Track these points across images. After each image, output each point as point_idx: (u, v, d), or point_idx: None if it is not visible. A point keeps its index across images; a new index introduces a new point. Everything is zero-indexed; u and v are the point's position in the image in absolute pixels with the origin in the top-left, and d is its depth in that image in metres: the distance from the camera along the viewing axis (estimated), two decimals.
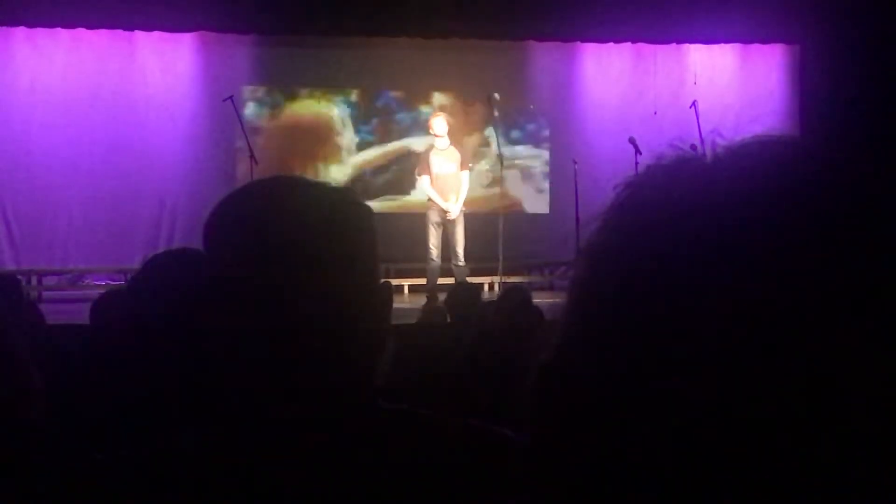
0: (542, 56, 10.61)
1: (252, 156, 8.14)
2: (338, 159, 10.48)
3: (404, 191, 10.24)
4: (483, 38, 10.05)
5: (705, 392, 0.47)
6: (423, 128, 9.54)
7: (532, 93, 10.67)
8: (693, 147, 0.55)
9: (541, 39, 10.41)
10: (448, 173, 8.51)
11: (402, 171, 10.20)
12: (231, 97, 8.40)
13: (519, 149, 10.69)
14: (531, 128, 10.76)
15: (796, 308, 0.46)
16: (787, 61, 11.01)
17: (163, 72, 9.99)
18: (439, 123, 8.62)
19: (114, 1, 9.34)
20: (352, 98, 10.44)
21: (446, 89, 10.49)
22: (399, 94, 10.47)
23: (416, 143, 10.04)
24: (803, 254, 0.47)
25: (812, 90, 10.60)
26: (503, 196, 9.14)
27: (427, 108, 10.27)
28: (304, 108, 10.45)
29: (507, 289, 5.59)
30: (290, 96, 10.40)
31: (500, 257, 8.54)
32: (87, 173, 9.69)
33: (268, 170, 8.13)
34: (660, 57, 10.77)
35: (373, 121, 10.51)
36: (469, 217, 8.81)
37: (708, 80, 10.66)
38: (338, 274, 1.01)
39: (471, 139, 10.38)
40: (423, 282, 8.64)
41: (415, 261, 8.69)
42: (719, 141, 0.53)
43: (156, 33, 9.82)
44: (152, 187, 9.80)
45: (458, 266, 8.51)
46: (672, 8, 9.99)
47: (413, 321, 5.91)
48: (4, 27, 9.59)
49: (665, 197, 0.52)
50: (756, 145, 0.53)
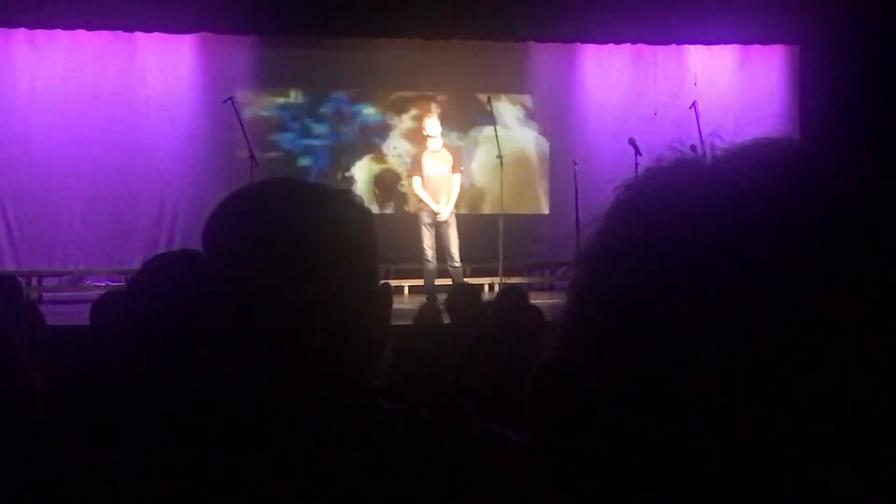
0: (543, 57, 10.61)
1: (252, 157, 8.14)
2: None
3: None
4: (483, 39, 10.05)
5: (706, 393, 0.47)
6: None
7: (532, 93, 10.68)
8: (692, 148, 0.55)
9: (541, 40, 10.41)
10: (439, 175, 8.47)
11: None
12: (231, 98, 8.40)
13: (519, 149, 10.68)
14: (531, 128, 10.76)
15: (797, 310, 0.46)
16: (787, 62, 11.01)
17: (163, 73, 9.98)
18: (432, 124, 8.58)
19: (114, 2, 9.34)
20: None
21: (447, 90, 10.48)
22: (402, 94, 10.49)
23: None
24: (804, 256, 0.47)
25: (812, 91, 10.60)
26: (503, 196, 9.14)
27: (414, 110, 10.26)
28: None
29: (504, 289, 5.58)
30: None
31: (500, 258, 8.55)
32: (88, 174, 9.68)
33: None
34: (660, 58, 10.77)
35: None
36: (468, 218, 8.81)
37: (708, 81, 10.66)
38: (338, 275, 1.01)
39: (469, 140, 10.38)
40: (422, 282, 8.65)
41: (414, 262, 8.70)
42: (719, 143, 0.53)
43: (156, 34, 9.80)
44: (152, 188, 9.79)
45: (453, 267, 8.50)
46: (672, 9, 9.99)
47: (411, 322, 5.90)
48: (4, 28, 9.58)
49: (665, 199, 0.52)
50: (756, 147, 0.53)
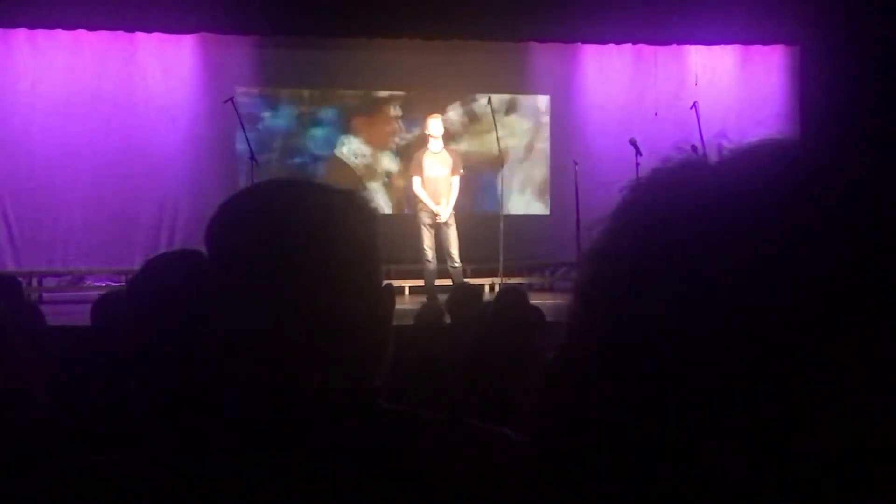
0: (543, 57, 10.61)
1: (252, 157, 8.14)
2: None
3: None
4: (484, 40, 10.05)
5: (710, 393, 0.47)
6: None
7: (533, 94, 10.68)
8: (693, 148, 0.55)
9: (542, 41, 10.41)
10: (439, 176, 8.48)
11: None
12: (232, 98, 8.40)
13: (520, 149, 10.68)
14: (532, 128, 10.76)
15: (804, 310, 0.46)
16: (788, 62, 11.01)
17: (163, 73, 9.98)
18: (436, 125, 8.58)
19: (114, 3, 9.34)
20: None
21: (447, 90, 10.48)
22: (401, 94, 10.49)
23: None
24: (810, 256, 0.47)
25: (812, 92, 10.60)
26: (502, 196, 9.14)
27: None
28: None
29: (503, 290, 5.58)
30: None
31: (501, 258, 8.54)
32: (88, 175, 9.69)
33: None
34: (660, 58, 10.76)
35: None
36: (469, 218, 8.80)
37: (709, 81, 10.67)
38: (340, 275, 1.01)
39: (469, 141, 10.38)
40: (422, 283, 8.64)
41: (415, 262, 8.69)
42: (725, 143, 0.53)
43: (156, 35, 9.81)
44: (153, 188, 9.80)
45: (453, 268, 8.50)
46: (673, 9, 9.99)
47: (412, 322, 5.90)
48: (5, 29, 9.59)
49: (671, 199, 0.52)
50: (761, 149, 0.53)
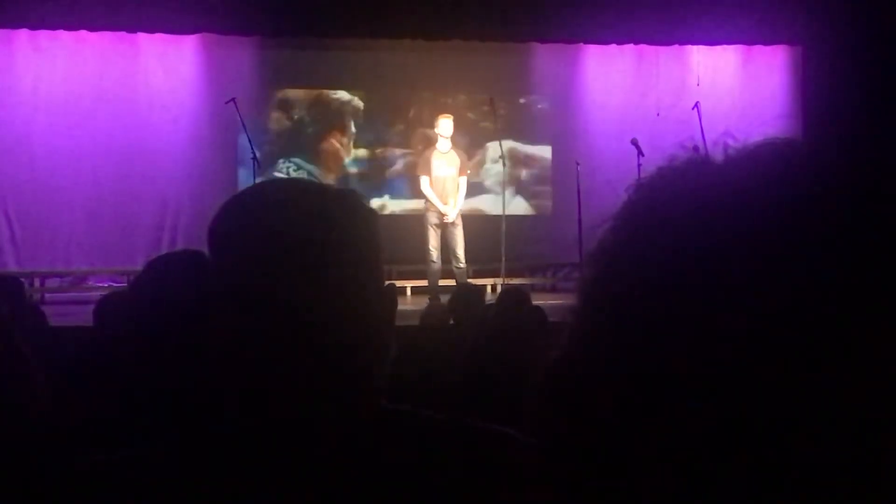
0: (545, 58, 10.61)
1: (255, 157, 8.14)
2: None
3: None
4: (486, 40, 10.05)
5: (716, 392, 0.46)
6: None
7: (535, 95, 10.68)
8: (695, 148, 0.55)
9: (544, 41, 10.41)
10: (447, 176, 8.49)
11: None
12: (234, 99, 8.40)
13: (521, 150, 10.68)
14: (534, 129, 10.76)
15: (809, 310, 0.46)
16: (790, 63, 11.01)
17: (165, 74, 9.99)
18: (446, 125, 8.59)
19: (116, 3, 9.35)
20: None
21: (449, 91, 10.48)
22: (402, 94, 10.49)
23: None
24: (815, 256, 0.47)
25: (815, 91, 10.59)
26: (506, 196, 9.14)
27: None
28: None
29: (505, 290, 5.58)
30: None
31: (503, 259, 8.54)
32: (90, 175, 9.69)
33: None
34: (662, 58, 10.76)
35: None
36: (471, 218, 8.80)
37: (711, 81, 10.66)
38: (343, 276, 1.01)
39: (473, 141, 10.38)
40: (425, 283, 8.65)
41: (417, 263, 8.69)
42: (730, 143, 0.53)
43: (158, 35, 9.81)
44: (155, 189, 9.80)
45: (458, 268, 8.50)
46: (675, 10, 9.99)
47: (415, 323, 5.91)
48: (7, 29, 9.60)
49: (677, 199, 0.52)
50: (766, 148, 0.53)
